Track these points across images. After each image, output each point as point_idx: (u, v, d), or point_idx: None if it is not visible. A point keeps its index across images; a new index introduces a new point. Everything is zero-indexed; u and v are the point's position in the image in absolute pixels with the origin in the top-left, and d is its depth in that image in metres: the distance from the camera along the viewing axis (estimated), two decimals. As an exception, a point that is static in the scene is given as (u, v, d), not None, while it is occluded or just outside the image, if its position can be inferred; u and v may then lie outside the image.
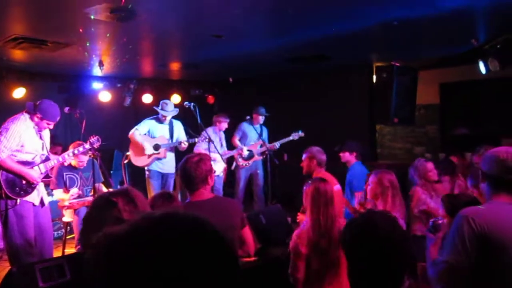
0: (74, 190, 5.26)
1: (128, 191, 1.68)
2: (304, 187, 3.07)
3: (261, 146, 7.27)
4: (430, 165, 4.61)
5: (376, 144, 8.51)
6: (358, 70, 7.92)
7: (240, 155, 7.16)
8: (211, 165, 2.93)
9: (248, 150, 7.21)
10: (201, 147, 6.69)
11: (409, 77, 6.96)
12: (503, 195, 2.14)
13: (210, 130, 6.81)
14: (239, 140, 7.40)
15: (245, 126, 7.44)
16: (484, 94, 7.29)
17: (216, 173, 6.18)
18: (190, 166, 2.79)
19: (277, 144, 7.08)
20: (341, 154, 5.57)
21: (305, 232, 2.86)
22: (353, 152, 5.58)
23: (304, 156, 4.30)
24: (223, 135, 7.15)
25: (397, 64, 6.70)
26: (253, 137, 7.39)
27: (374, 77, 7.37)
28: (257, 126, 7.34)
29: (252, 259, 3.17)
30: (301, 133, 7.16)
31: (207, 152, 6.66)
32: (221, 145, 7.12)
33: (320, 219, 2.82)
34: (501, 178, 2.13)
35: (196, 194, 2.84)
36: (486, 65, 5.83)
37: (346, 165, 5.63)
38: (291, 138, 7.13)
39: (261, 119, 7.31)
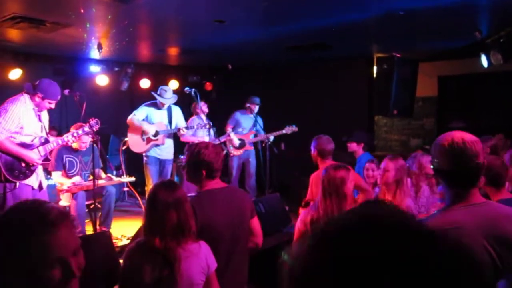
0: (77, 178, 5.20)
1: None
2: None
3: (255, 136, 7.23)
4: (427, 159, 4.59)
5: (374, 135, 8.53)
6: (359, 60, 7.90)
7: (231, 142, 7.09)
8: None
9: (239, 140, 7.17)
10: (187, 133, 6.60)
11: (410, 69, 6.95)
12: None
13: (197, 118, 6.79)
14: (233, 129, 7.35)
15: (239, 115, 7.39)
16: (482, 88, 7.32)
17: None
18: (210, 154, 2.73)
19: (271, 137, 7.02)
20: (349, 144, 5.57)
21: (315, 216, 2.85)
22: (360, 142, 5.57)
23: (311, 145, 4.24)
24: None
25: (398, 55, 6.67)
26: (247, 126, 7.34)
27: (375, 68, 7.34)
28: (252, 116, 7.28)
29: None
30: (294, 127, 7.08)
31: (195, 137, 6.66)
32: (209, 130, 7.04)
33: (331, 208, 2.81)
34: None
35: (210, 183, 2.79)
36: (488, 59, 5.83)
37: (354, 155, 5.62)
38: (283, 131, 7.05)
39: (255, 108, 7.25)
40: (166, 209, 2.26)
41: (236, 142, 7.11)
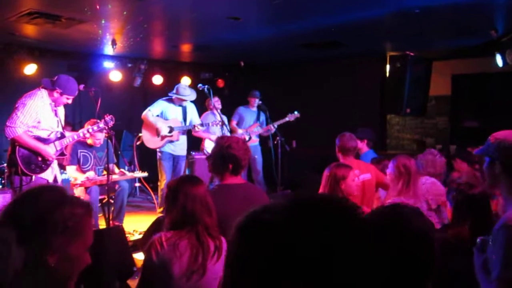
0: (91, 174, 5.25)
1: None
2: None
3: (258, 128, 7.27)
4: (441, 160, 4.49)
5: (386, 134, 8.48)
6: (371, 58, 7.86)
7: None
8: None
9: (245, 132, 7.21)
10: (211, 130, 6.68)
11: (423, 67, 6.90)
12: None
13: (211, 114, 6.82)
14: (237, 124, 7.40)
15: (242, 110, 7.50)
16: (497, 87, 7.24)
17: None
18: (240, 150, 2.74)
19: (272, 126, 7.04)
20: None
21: None
22: (363, 139, 5.52)
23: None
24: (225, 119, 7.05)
25: (412, 54, 6.63)
26: (250, 120, 7.41)
27: (388, 66, 7.30)
28: (254, 110, 7.34)
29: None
30: (296, 114, 7.13)
31: (207, 133, 6.70)
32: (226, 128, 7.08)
33: None
34: None
35: (232, 178, 2.81)
36: (503, 58, 5.77)
37: (358, 152, 5.58)
38: (286, 119, 7.11)
39: (256, 101, 7.30)
40: (199, 195, 2.33)
41: (247, 138, 7.13)
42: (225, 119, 6.74)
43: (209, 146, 6.82)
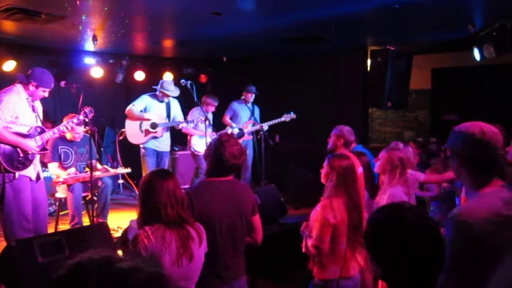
0: (72, 170, 5.19)
1: None
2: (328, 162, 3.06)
3: (253, 125, 7.26)
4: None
5: (368, 127, 8.59)
6: (353, 53, 7.93)
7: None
8: None
9: (239, 129, 7.19)
10: (189, 126, 6.63)
11: (404, 62, 7.01)
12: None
13: (197, 111, 6.74)
14: (231, 119, 7.36)
15: (236, 105, 7.40)
16: (476, 80, 7.39)
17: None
18: (235, 152, 2.75)
19: (265, 126, 7.06)
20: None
21: (335, 204, 2.89)
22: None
23: (332, 133, 4.25)
24: (210, 116, 7.03)
25: (392, 48, 6.72)
26: (245, 116, 7.36)
27: (369, 60, 7.38)
28: (249, 105, 7.31)
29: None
30: (292, 115, 7.15)
31: (195, 130, 6.69)
32: (210, 125, 7.05)
33: (352, 194, 2.91)
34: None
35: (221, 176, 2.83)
36: (481, 52, 5.88)
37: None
38: (282, 119, 7.13)
39: (251, 97, 7.27)
40: (171, 187, 2.36)
41: (235, 132, 7.11)
42: (210, 116, 6.75)
43: (195, 143, 6.80)
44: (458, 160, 1.88)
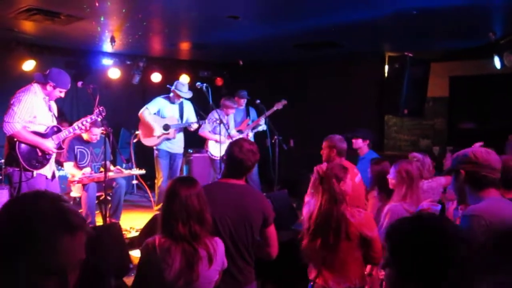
0: (87, 170, 5.25)
1: None
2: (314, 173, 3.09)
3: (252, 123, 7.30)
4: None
5: (384, 134, 8.50)
6: (370, 59, 7.87)
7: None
8: None
9: (238, 131, 7.18)
10: (205, 128, 6.64)
11: (422, 69, 6.91)
12: None
13: (216, 113, 6.73)
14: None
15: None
16: (494, 89, 7.27)
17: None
18: (247, 154, 2.75)
19: (261, 120, 7.04)
20: (354, 141, 5.48)
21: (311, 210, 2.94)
22: (366, 139, 5.52)
23: (324, 144, 4.23)
24: (231, 118, 7.04)
25: (410, 55, 6.64)
26: (238, 119, 7.37)
27: (386, 67, 7.31)
28: (242, 108, 7.31)
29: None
30: (283, 101, 7.11)
31: (212, 134, 6.68)
32: (228, 127, 7.08)
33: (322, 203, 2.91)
34: None
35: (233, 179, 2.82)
36: (501, 60, 5.79)
37: (358, 152, 5.58)
38: (274, 108, 7.08)
39: (243, 102, 7.25)
40: (188, 198, 2.28)
41: (235, 134, 7.10)
42: (231, 118, 6.77)
43: (212, 148, 6.79)
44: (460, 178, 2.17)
